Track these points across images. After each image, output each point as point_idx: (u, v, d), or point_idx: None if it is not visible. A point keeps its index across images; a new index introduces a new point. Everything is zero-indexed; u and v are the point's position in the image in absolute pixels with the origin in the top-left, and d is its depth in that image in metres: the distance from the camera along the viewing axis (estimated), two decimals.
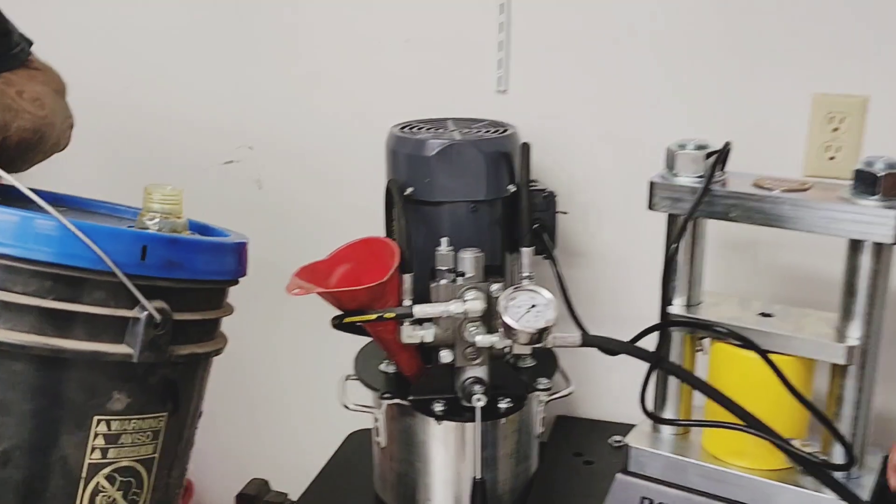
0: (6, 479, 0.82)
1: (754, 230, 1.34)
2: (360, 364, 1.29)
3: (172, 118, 1.54)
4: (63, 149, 1.15)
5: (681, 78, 1.32)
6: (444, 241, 1.13)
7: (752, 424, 1.07)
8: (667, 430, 1.22)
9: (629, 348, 1.09)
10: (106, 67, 1.30)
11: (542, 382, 1.21)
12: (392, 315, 1.08)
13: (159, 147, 1.54)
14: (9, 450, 0.82)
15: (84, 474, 0.84)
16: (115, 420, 0.85)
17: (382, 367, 1.27)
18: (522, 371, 1.25)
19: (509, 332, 1.03)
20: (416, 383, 1.18)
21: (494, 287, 1.12)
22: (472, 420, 1.14)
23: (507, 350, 1.16)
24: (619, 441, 1.37)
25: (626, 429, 1.38)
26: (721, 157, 1.11)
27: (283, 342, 1.64)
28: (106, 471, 0.85)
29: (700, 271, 1.17)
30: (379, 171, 1.24)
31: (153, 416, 0.88)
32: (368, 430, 1.45)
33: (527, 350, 1.09)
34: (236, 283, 0.95)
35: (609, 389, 1.47)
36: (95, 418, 0.84)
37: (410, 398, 1.18)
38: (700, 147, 1.11)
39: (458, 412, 1.16)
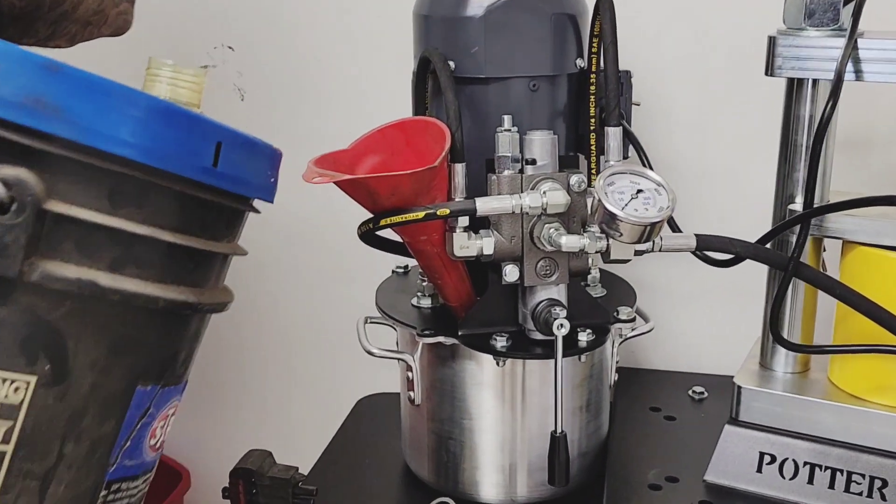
0: None
1: (866, 127, 1.09)
2: (383, 300, 1.01)
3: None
4: (118, 31, 0.88)
5: None
6: (506, 118, 0.86)
7: None
8: (780, 367, 0.96)
9: (759, 251, 0.83)
10: None
11: (625, 312, 0.94)
12: (447, 212, 0.80)
13: (115, 46, 1.24)
14: None
15: None
16: None
17: (414, 301, 1.00)
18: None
19: (610, 224, 0.76)
20: (466, 315, 0.91)
21: (574, 179, 0.85)
22: (546, 356, 0.86)
23: (587, 266, 0.89)
24: (702, 392, 1.11)
25: (704, 380, 1.13)
26: (860, 3, 0.85)
27: (279, 288, 1.35)
28: None
29: (830, 160, 0.91)
30: (400, 72, 0.96)
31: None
32: (380, 394, 1.19)
33: (627, 254, 0.81)
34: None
35: (677, 336, 1.21)
36: None
37: (461, 333, 0.90)
38: None
39: (523, 348, 0.89)
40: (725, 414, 0.94)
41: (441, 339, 0.91)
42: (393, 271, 1.09)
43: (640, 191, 0.78)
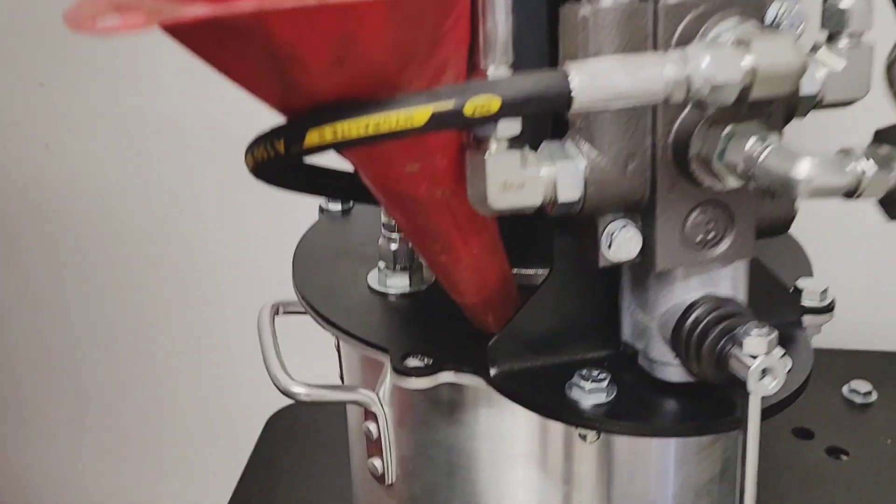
0: None
1: None
2: (308, 277, 0.51)
3: None
4: None
5: None
6: None
7: None
8: None
9: None
10: None
11: (815, 292, 0.46)
12: (495, 103, 0.28)
13: None
14: None
15: None
16: None
17: (374, 280, 0.49)
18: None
19: None
20: (504, 330, 0.41)
21: (781, 4, 0.35)
22: (714, 430, 0.38)
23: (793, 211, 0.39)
24: (868, 392, 0.65)
25: (864, 364, 0.70)
26: None
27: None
28: None
29: None
30: None
31: None
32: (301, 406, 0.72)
33: None
34: None
35: None
36: None
37: (495, 371, 0.41)
38: None
39: (642, 408, 0.40)
40: None
41: (449, 377, 0.42)
42: (322, 210, 0.58)
43: None
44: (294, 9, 0.26)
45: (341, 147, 0.30)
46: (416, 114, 0.28)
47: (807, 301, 0.45)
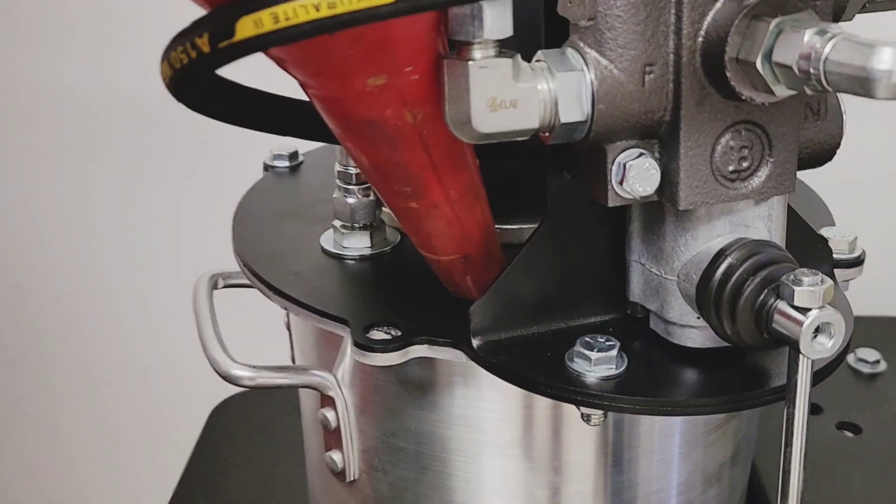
0: None
1: None
2: (252, 240, 0.43)
3: None
4: None
5: None
6: None
7: None
8: None
9: None
10: None
11: (844, 241, 0.40)
12: None
13: None
14: None
15: None
16: None
17: (328, 241, 0.42)
18: None
19: None
20: (488, 293, 0.34)
21: None
22: (743, 406, 0.31)
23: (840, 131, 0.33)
24: (877, 361, 0.61)
25: (869, 330, 0.63)
26: None
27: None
28: None
29: None
30: None
31: None
32: (247, 395, 0.69)
33: None
34: None
35: None
36: None
37: (478, 342, 0.34)
38: None
39: (653, 383, 0.33)
40: None
41: (421, 350, 0.35)
42: (267, 166, 0.50)
43: None
44: None
45: (285, 40, 0.22)
46: None
47: (839, 252, 0.39)
